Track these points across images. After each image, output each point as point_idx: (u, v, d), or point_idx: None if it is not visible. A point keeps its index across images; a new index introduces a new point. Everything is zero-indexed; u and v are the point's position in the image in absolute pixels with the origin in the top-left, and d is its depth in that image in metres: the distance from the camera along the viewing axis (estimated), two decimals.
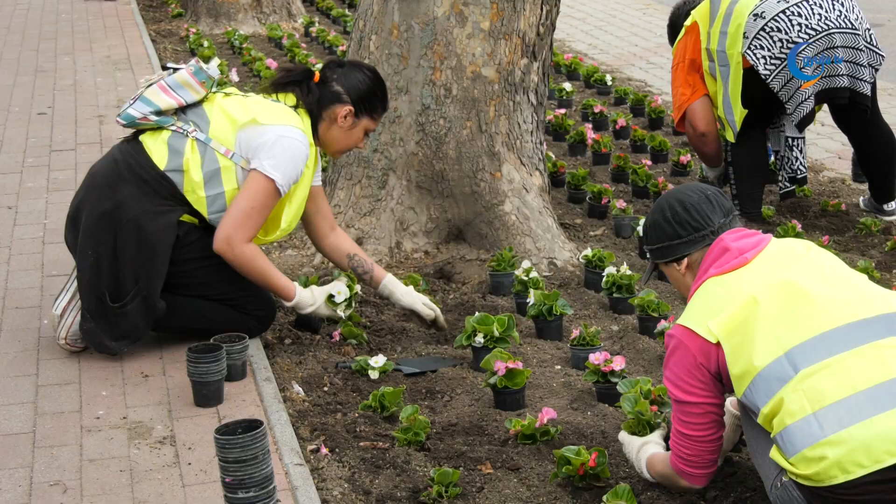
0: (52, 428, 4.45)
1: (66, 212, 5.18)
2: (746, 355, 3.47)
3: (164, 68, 5.15)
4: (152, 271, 4.90)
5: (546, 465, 4.18)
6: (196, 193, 4.94)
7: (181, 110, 5.04)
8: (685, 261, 3.80)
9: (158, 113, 4.98)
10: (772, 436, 3.44)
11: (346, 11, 13.35)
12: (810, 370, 3.38)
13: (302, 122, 5.07)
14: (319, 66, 5.31)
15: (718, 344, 3.54)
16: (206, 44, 11.17)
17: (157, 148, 4.97)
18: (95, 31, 12.53)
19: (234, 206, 4.90)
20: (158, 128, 5.00)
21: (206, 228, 5.04)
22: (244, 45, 11.39)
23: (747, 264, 3.63)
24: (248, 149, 4.95)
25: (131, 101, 5.02)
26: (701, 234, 3.74)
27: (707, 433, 3.67)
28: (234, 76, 10.00)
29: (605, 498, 3.68)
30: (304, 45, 11.85)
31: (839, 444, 3.28)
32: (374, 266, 5.39)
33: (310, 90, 5.13)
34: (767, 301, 3.50)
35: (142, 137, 5.02)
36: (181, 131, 4.98)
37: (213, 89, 5.09)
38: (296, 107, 5.11)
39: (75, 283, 5.05)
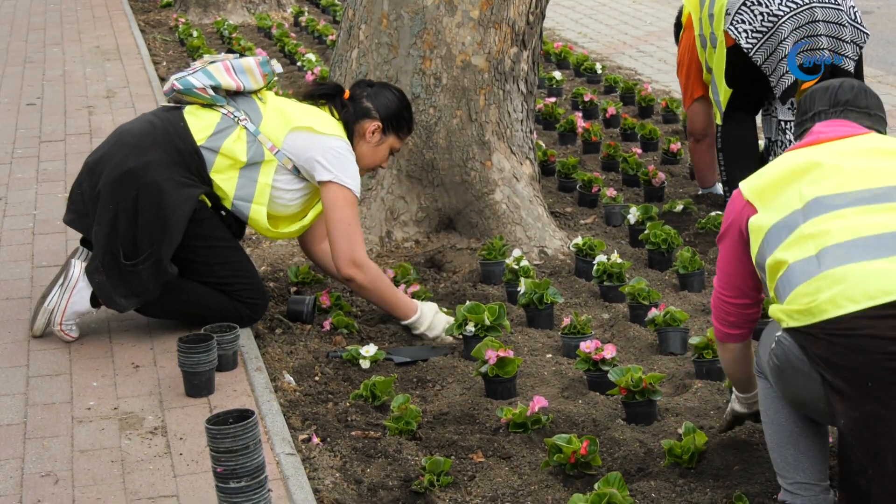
0: (43, 419, 4.45)
1: (58, 202, 5.17)
2: (767, 212, 3.52)
3: (230, 51, 5.19)
4: (167, 237, 4.92)
5: (537, 454, 4.18)
6: (228, 173, 4.98)
7: (233, 97, 5.09)
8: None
9: (216, 89, 5.03)
10: (772, 288, 3.46)
11: (336, 1, 13.32)
12: (822, 218, 3.40)
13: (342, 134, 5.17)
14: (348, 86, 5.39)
15: (749, 203, 3.59)
16: (195, 34, 11.14)
17: (199, 123, 5.01)
18: (84, 22, 12.50)
19: (334, 229, 5.01)
20: (207, 106, 5.04)
21: (218, 210, 5.08)
22: (233, 35, 11.35)
23: (816, 144, 3.64)
24: (297, 152, 5.03)
25: (190, 71, 5.06)
26: (802, 118, 3.83)
27: (726, 289, 3.73)
28: None
29: (596, 486, 3.68)
30: (293, 34, 11.83)
31: (834, 279, 3.28)
32: None
33: (343, 105, 5.22)
34: (804, 169, 3.53)
35: (186, 109, 5.06)
36: (231, 116, 5.02)
37: (266, 85, 5.17)
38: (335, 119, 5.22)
39: (67, 277, 5.04)
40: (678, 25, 7.38)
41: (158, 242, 4.92)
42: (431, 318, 5.21)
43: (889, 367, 3.23)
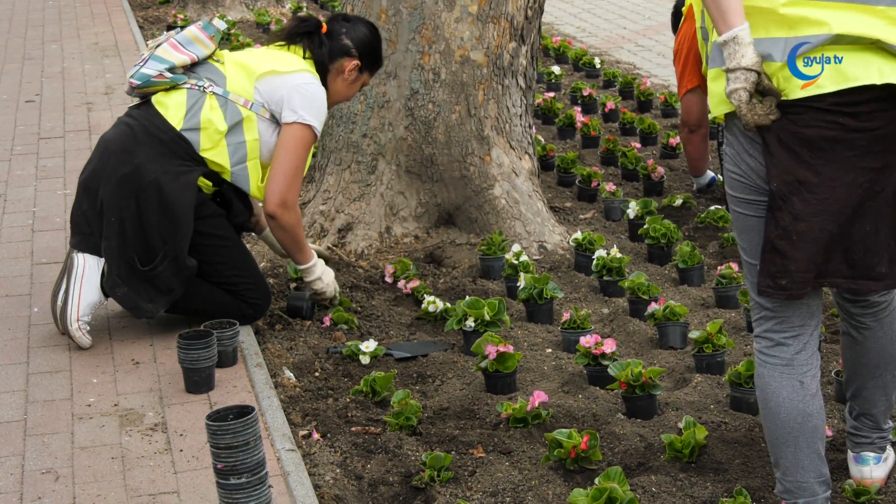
0: (44, 416, 4.45)
1: (57, 199, 5.16)
2: None
3: (170, 28, 5.17)
4: (178, 231, 4.91)
5: (538, 449, 4.18)
6: (217, 146, 4.96)
7: (191, 69, 5.07)
8: None
9: (172, 70, 5.00)
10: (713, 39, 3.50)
11: None
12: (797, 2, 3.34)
13: (314, 70, 5.14)
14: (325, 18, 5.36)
15: None
16: None
17: (172, 108, 4.98)
18: (83, 18, 12.49)
19: (279, 167, 4.97)
20: (172, 87, 5.02)
21: (222, 203, 5.08)
22: (232, 31, 11.35)
23: None
24: (268, 98, 5.00)
25: (141, 63, 5.03)
26: None
27: None
28: None
29: (596, 480, 3.68)
30: None
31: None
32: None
33: (321, 42, 5.19)
34: None
35: (154, 99, 5.03)
36: (197, 88, 5.00)
37: (220, 45, 5.12)
38: (303, 58, 5.17)
39: (71, 271, 5.02)
40: (676, 15, 7.37)
41: (171, 239, 4.91)
42: (323, 269, 5.30)
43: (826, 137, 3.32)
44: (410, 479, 3.98)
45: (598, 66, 10.30)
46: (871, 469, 3.85)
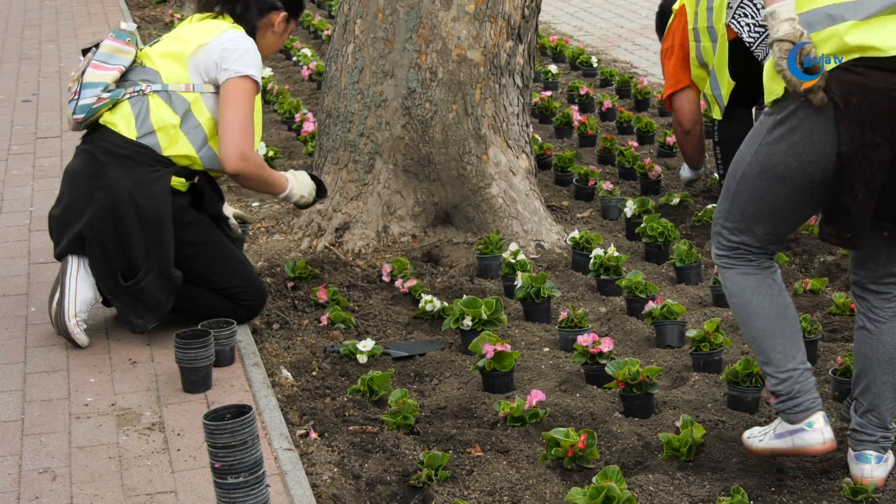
0: (41, 415, 4.44)
1: (54, 199, 5.15)
2: None
3: (84, 52, 5.13)
4: (160, 242, 4.89)
5: (535, 448, 4.18)
6: (177, 141, 4.92)
7: (123, 79, 5.02)
8: None
9: (106, 89, 4.97)
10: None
11: None
12: None
13: (237, 27, 5.09)
14: None
15: None
16: None
17: (121, 122, 4.94)
18: (79, 18, 12.49)
19: (225, 124, 4.92)
20: (114, 104, 4.97)
21: (200, 208, 5.06)
22: None
23: None
24: (205, 71, 4.96)
25: (75, 97, 4.99)
26: None
27: None
28: None
29: (594, 479, 3.68)
30: None
31: (859, 28, 3.51)
32: None
33: (246, 5, 5.14)
34: None
35: (102, 121, 4.99)
36: (136, 94, 4.96)
37: (140, 46, 5.09)
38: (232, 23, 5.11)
39: (65, 272, 5.02)
40: (662, 15, 7.36)
41: (154, 251, 4.89)
42: (298, 185, 5.28)
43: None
44: (408, 479, 3.99)
45: (595, 64, 10.30)
46: (871, 468, 3.86)
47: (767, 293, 3.83)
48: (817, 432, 3.80)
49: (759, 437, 3.95)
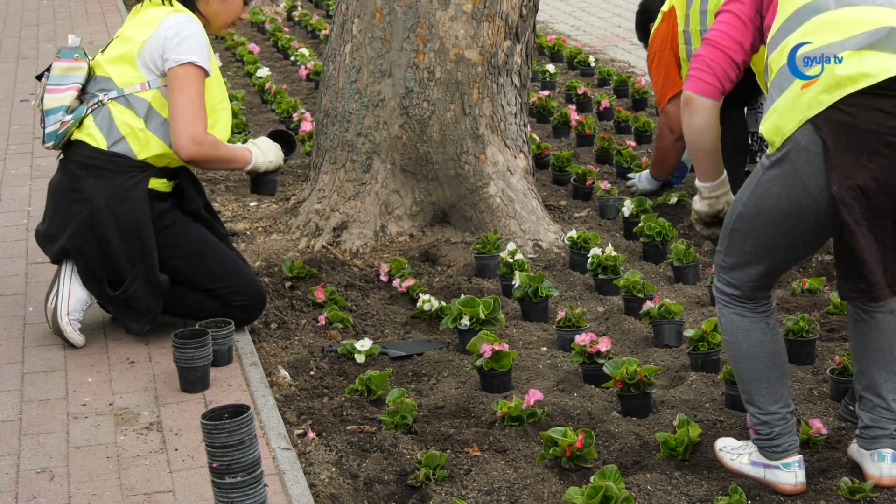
0: (39, 415, 4.44)
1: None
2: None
3: (39, 78, 5.10)
4: (143, 249, 4.88)
5: (533, 447, 4.18)
6: (148, 142, 4.89)
7: (82, 94, 4.99)
8: None
9: (69, 111, 4.95)
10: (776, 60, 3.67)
11: None
12: (851, 9, 3.56)
13: (178, 8, 4.99)
14: None
15: None
16: None
17: (90, 136, 4.91)
18: (77, 17, 12.48)
19: (173, 111, 4.83)
20: (80, 122, 4.95)
21: (182, 210, 5.04)
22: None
23: None
24: (153, 66, 4.90)
25: (42, 126, 4.98)
26: None
27: (724, 40, 3.87)
28: (217, 61, 9.95)
29: (592, 479, 3.68)
30: (286, 29, 11.83)
31: (851, 61, 3.51)
32: None
33: None
34: None
35: (73, 138, 4.96)
36: (97, 106, 4.93)
37: (90, 57, 5.06)
38: (167, 4, 5.01)
39: (60, 272, 5.02)
40: (643, 13, 7.33)
41: (139, 258, 4.88)
42: (262, 153, 5.19)
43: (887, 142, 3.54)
44: (406, 478, 3.99)
45: (592, 64, 10.30)
46: (890, 466, 3.85)
47: (759, 338, 3.84)
48: (791, 474, 3.84)
49: (731, 456, 3.99)
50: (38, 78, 5.08)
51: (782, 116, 3.60)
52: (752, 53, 3.87)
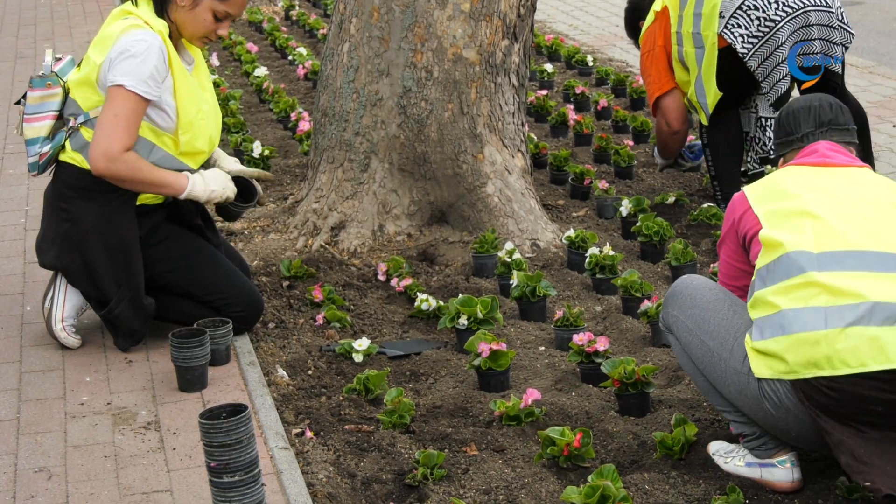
0: (37, 414, 4.44)
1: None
2: (781, 237, 3.70)
3: (17, 104, 5.08)
4: (129, 271, 4.86)
5: (531, 446, 4.19)
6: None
7: (60, 118, 4.95)
8: (781, 160, 4.15)
9: (48, 138, 4.93)
10: (756, 316, 3.69)
11: None
12: (834, 274, 3.59)
13: (141, 15, 4.85)
14: None
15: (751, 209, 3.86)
16: None
17: (72, 158, 4.88)
18: (75, 17, 12.48)
19: (97, 127, 4.74)
20: (62, 146, 4.92)
21: (172, 223, 5.02)
22: None
23: (827, 167, 3.89)
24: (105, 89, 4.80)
25: (28, 158, 4.97)
26: (789, 138, 4.08)
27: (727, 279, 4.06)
28: (215, 61, 9.97)
29: (590, 478, 3.69)
30: (284, 28, 11.82)
31: (833, 340, 3.50)
32: None
33: None
34: (821, 208, 3.73)
35: (59, 159, 4.94)
36: (71, 130, 4.89)
37: (63, 80, 4.98)
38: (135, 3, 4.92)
39: (57, 275, 5.02)
40: (633, 10, 7.34)
41: (125, 281, 4.86)
42: (203, 181, 4.93)
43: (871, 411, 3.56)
44: (403, 477, 3.99)
45: (590, 63, 10.29)
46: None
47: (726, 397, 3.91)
48: (787, 471, 3.85)
49: (725, 459, 3.99)
50: (18, 103, 5.06)
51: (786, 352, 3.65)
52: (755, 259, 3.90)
